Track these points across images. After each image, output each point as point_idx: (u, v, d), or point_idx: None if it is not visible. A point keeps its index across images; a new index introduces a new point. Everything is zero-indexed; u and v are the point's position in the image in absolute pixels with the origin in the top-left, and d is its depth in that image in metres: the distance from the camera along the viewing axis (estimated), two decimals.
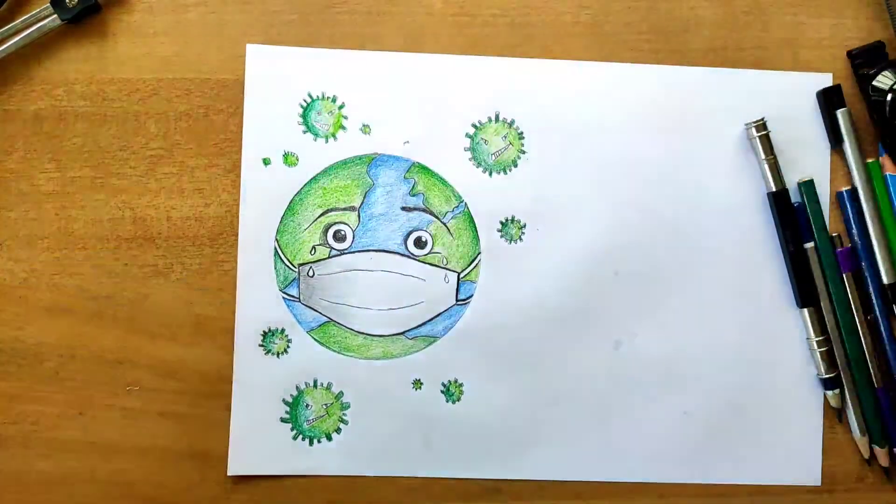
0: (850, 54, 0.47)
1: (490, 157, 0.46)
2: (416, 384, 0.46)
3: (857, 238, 0.46)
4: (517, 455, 0.46)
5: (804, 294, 0.46)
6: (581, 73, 0.46)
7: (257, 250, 0.46)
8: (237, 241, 0.46)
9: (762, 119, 0.46)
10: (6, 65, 0.45)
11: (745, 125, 0.46)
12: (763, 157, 0.46)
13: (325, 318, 0.46)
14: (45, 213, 0.45)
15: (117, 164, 0.46)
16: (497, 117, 0.46)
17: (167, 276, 0.46)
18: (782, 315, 0.47)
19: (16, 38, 0.45)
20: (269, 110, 0.46)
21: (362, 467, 0.46)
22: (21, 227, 0.45)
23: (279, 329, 0.46)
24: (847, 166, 0.47)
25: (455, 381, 0.46)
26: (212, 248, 0.46)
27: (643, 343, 0.46)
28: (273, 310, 0.46)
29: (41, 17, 0.45)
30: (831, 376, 0.46)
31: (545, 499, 0.46)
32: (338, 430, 0.46)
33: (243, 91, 0.45)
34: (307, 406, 0.46)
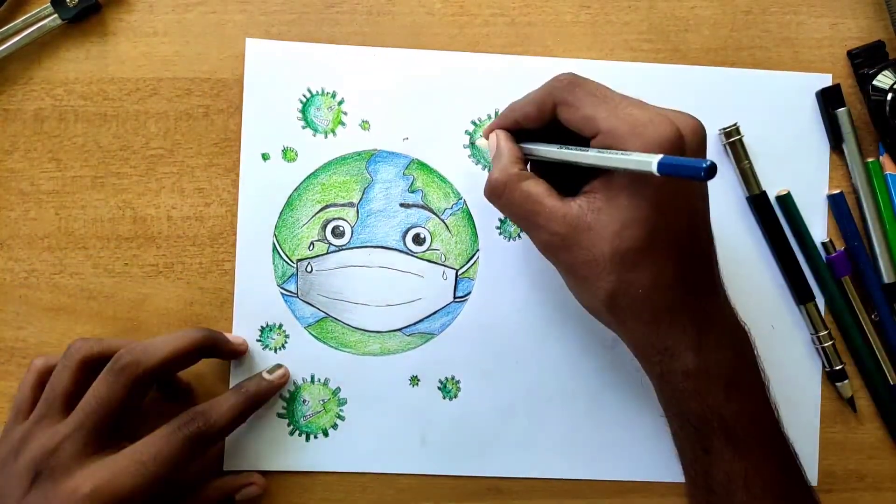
0: (850, 54, 0.47)
1: (489, 154, 0.46)
2: (414, 381, 0.46)
3: (853, 240, 0.46)
4: (514, 453, 0.46)
5: (800, 291, 0.46)
6: (580, 71, 0.46)
7: (256, 245, 0.46)
8: (237, 240, 0.46)
9: (735, 124, 0.45)
10: (6, 65, 0.45)
11: (718, 131, 0.46)
12: (736, 163, 0.46)
13: (323, 314, 0.46)
14: (46, 212, 0.46)
15: (117, 163, 0.46)
16: (496, 114, 0.46)
17: (167, 275, 0.46)
18: (781, 314, 0.47)
19: (16, 38, 0.45)
20: (268, 105, 0.46)
21: (359, 464, 0.46)
22: (21, 227, 0.45)
23: (277, 324, 0.46)
24: (847, 166, 0.47)
25: (452, 378, 0.46)
26: (212, 247, 0.46)
27: None
28: (271, 305, 0.46)
29: (41, 17, 0.45)
30: (839, 369, 0.46)
31: (544, 497, 0.46)
32: (334, 426, 0.46)
33: (243, 89, 0.45)
34: (304, 402, 0.46)
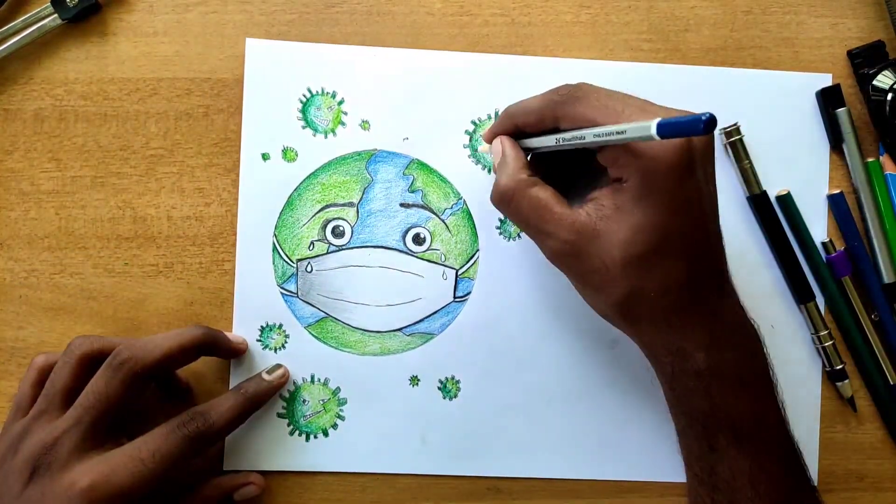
0: (850, 54, 0.47)
1: (493, 159, 0.46)
2: (413, 381, 0.46)
3: (853, 240, 0.46)
4: (514, 453, 0.46)
5: (800, 291, 0.46)
6: (580, 71, 0.46)
7: (256, 245, 0.46)
8: (237, 240, 0.46)
9: (735, 124, 0.45)
10: (6, 65, 0.45)
11: (719, 131, 0.46)
12: (736, 163, 0.46)
13: (323, 314, 0.46)
14: (46, 212, 0.46)
15: (118, 163, 0.46)
16: (496, 114, 0.46)
17: (167, 275, 0.46)
18: (781, 314, 0.47)
19: (16, 38, 0.45)
20: (268, 105, 0.46)
21: (358, 464, 0.46)
22: (21, 227, 0.45)
23: (277, 324, 0.46)
24: (847, 166, 0.47)
25: (452, 378, 0.46)
26: (212, 247, 0.46)
27: None
28: (271, 305, 0.46)
29: (41, 17, 0.45)
30: (839, 368, 0.46)
31: (544, 497, 0.46)
32: (334, 426, 0.46)
33: (243, 89, 0.45)
34: (304, 402, 0.46)
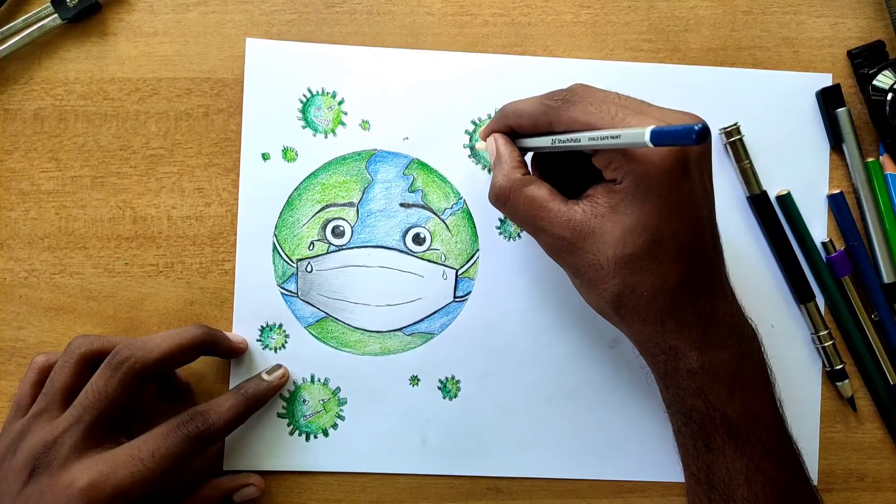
0: (850, 54, 0.47)
1: (489, 157, 0.46)
2: (414, 380, 0.46)
3: (853, 240, 0.46)
4: (515, 453, 0.46)
5: (800, 291, 0.46)
6: (581, 71, 0.46)
7: (256, 245, 0.46)
8: (237, 240, 0.46)
9: (735, 124, 0.45)
10: (6, 65, 0.45)
11: (719, 131, 0.46)
12: (736, 162, 0.46)
13: (323, 314, 0.46)
14: (46, 212, 0.46)
15: (118, 163, 0.46)
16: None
17: (167, 275, 0.46)
18: (781, 314, 0.47)
19: (16, 38, 0.45)
20: (268, 105, 0.46)
21: (359, 464, 0.46)
22: (21, 227, 0.45)
23: (277, 324, 0.46)
24: (847, 166, 0.47)
25: (452, 377, 0.46)
26: (212, 247, 0.46)
27: None
28: (271, 305, 0.46)
29: (41, 17, 0.45)
30: (839, 368, 0.46)
31: (544, 497, 0.46)
32: (334, 426, 0.46)
33: (243, 89, 0.45)
34: (304, 401, 0.46)
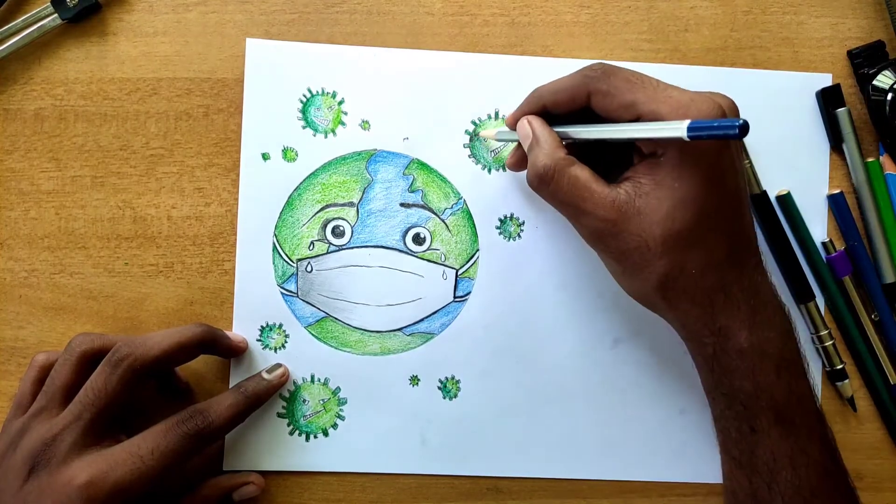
0: (850, 54, 0.47)
1: (489, 153, 0.46)
2: (414, 380, 0.46)
3: (853, 240, 0.46)
4: (515, 453, 0.46)
5: (800, 291, 0.46)
6: None
7: (256, 245, 0.46)
8: (237, 239, 0.46)
9: None
10: (6, 65, 0.45)
11: None
12: None
13: (323, 314, 0.46)
14: (46, 212, 0.46)
15: (117, 163, 0.46)
16: (497, 114, 0.46)
17: (167, 275, 0.46)
18: None
19: (16, 38, 0.45)
20: (268, 105, 0.46)
21: (359, 464, 0.46)
22: (21, 227, 0.45)
23: (277, 324, 0.46)
24: (847, 166, 0.47)
25: (452, 377, 0.46)
26: (212, 247, 0.46)
27: (640, 341, 0.46)
28: (271, 305, 0.46)
29: (41, 17, 0.45)
30: (839, 368, 0.46)
31: (544, 497, 0.46)
32: (334, 426, 0.46)
33: (243, 89, 0.45)
34: (304, 401, 0.46)
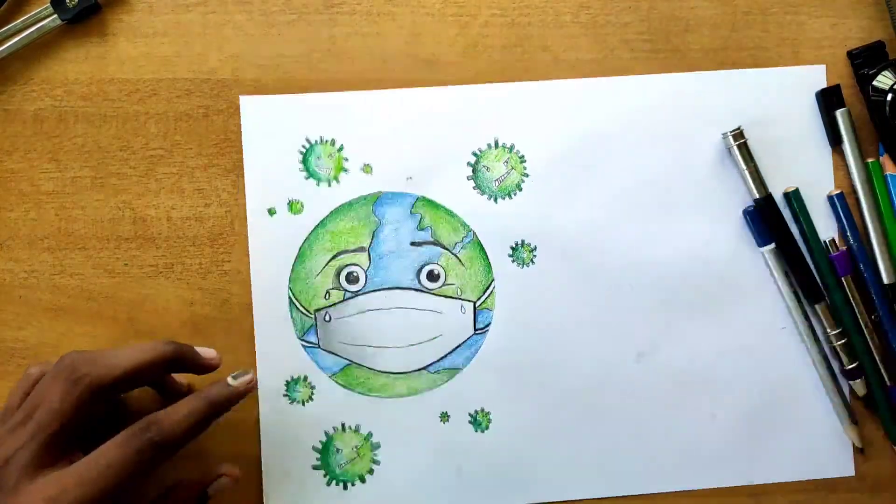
0: (850, 54, 0.47)
1: (493, 183, 0.46)
2: (444, 417, 0.46)
3: (852, 240, 0.46)
4: (551, 476, 0.46)
5: (812, 291, 0.46)
6: (580, 92, 0.46)
7: (272, 301, 0.45)
8: (237, 240, 0.46)
9: (739, 128, 0.45)
10: (6, 65, 0.45)
11: (723, 135, 0.46)
12: (743, 166, 0.45)
13: (347, 361, 0.46)
14: (46, 213, 0.45)
15: (117, 164, 0.46)
16: (497, 143, 0.46)
17: (167, 276, 0.46)
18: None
19: (16, 38, 0.45)
20: (268, 160, 0.45)
21: None
22: (21, 227, 0.45)
23: (302, 377, 0.45)
24: (847, 166, 0.47)
25: (482, 409, 0.46)
26: (212, 247, 0.46)
27: (665, 352, 0.46)
28: (294, 358, 0.45)
29: (41, 17, 0.45)
30: (853, 367, 0.46)
31: None
32: (370, 471, 0.46)
33: (243, 90, 0.45)
34: (338, 450, 0.45)
